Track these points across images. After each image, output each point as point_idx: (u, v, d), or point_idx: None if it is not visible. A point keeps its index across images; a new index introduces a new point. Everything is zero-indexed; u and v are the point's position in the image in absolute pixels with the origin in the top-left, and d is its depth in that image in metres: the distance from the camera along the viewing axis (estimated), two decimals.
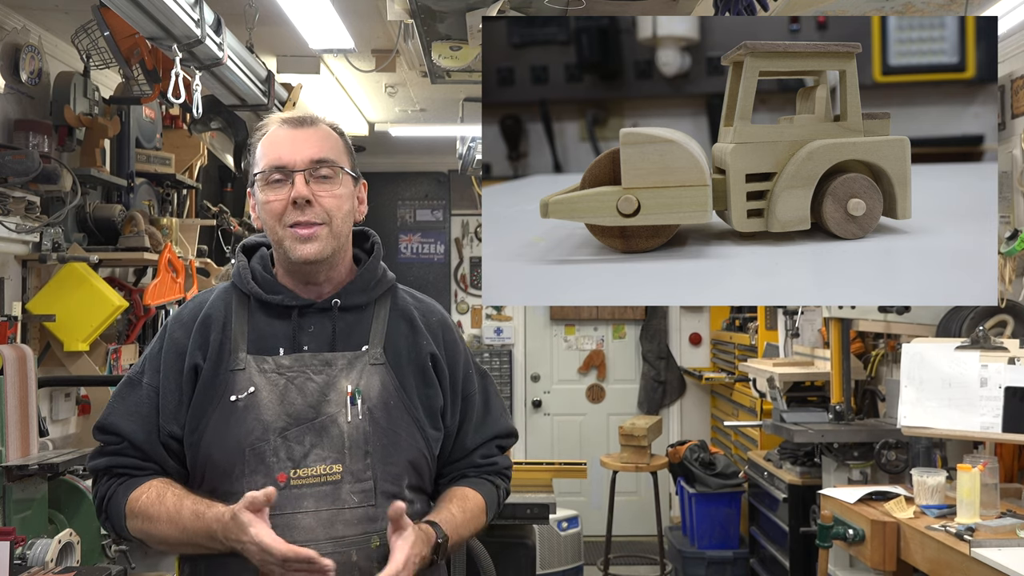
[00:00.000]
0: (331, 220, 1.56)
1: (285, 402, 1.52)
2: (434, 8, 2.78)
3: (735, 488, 5.12)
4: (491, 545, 3.34)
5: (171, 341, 1.59)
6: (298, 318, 1.59)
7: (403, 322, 1.65)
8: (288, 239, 1.55)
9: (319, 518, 1.49)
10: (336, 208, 1.57)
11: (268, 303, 1.60)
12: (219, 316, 1.60)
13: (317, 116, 1.64)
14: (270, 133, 1.60)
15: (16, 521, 2.69)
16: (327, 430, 1.53)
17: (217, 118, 4.05)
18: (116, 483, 1.56)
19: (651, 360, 6.83)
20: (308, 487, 1.49)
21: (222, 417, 1.53)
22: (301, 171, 1.55)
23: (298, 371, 1.55)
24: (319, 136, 1.59)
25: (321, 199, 1.55)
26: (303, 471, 1.50)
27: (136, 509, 1.52)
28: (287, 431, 1.51)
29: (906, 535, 2.81)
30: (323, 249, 1.55)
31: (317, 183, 1.56)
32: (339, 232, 1.58)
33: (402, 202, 7.05)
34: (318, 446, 1.52)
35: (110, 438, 1.57)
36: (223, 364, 1.55)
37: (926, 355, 3.10)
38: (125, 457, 1.56)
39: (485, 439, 1.71)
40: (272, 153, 1.57)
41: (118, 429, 1.56)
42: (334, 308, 1.60)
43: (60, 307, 3.37)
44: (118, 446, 1.56)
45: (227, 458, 1.50)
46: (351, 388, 1.55)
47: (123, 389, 1.60)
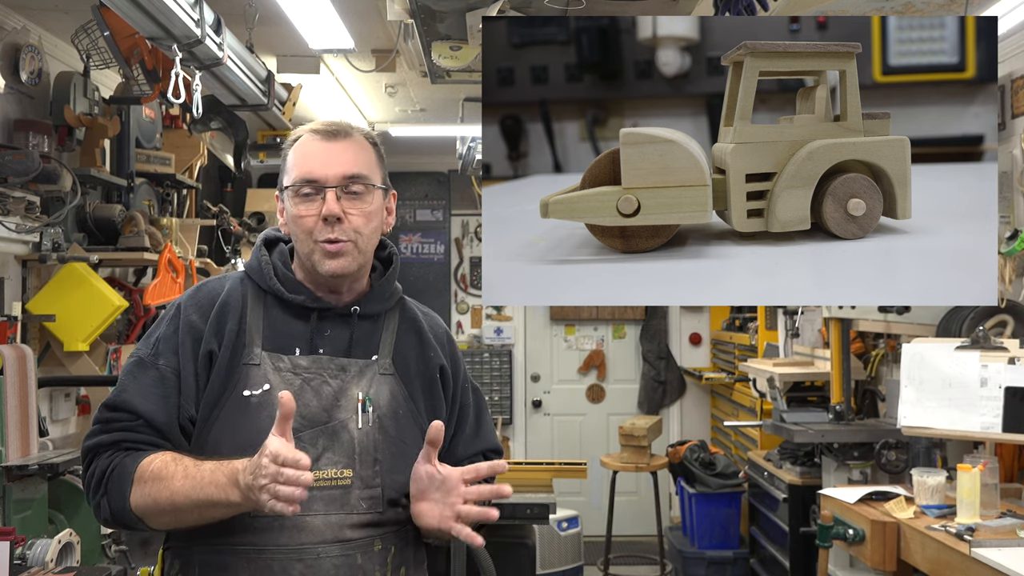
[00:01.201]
0: (359, 237, 1.56)
1: (300, 403, 1.50)
2: (434, 8, 2.78)
3: (735, 488, 5.12)
4: (491, 545, 3.34)
5: (187, 324, 1.55)
6: (317, 321, 1.58)
7: (412, 333, 1.66)
8: (317, 253, 1.55)
9: (328, 521, 1.49)
10: (364, 226, 1.56)
11: (287, 302, 1.59)
12: (236, 305, 1.57)
13: (352, 126, 1.61)
14: (302, 142, 1.58)
15: (16, 521, 2.69)
16: (338, 435, 1.53)
17: (217, 118, 4.06)
18: (123, 455, 1.49)
19: (651, 360, 6.83)
20: (319, 490, 1.49)
21: (234, 411, 1.51)
22: (333, 187, 1.53)
23: (315, 373, 1.55)
24: (353, 150, 1.57)
25: (351, 217, 1.54)
26: (315, 474, 1.47)
27: (148, 472, 1.45)
28: (300, 432, 1.49)
29: (906, 535, 2.81)
30: (349, 264, 1.56)
31: (348, 200, 1.55)
32: (365, 248, 1.58)
33: (402, 202, 7.04)
34: (330, 450, 1.51)
35: (122, 415, 1.51)
36: (237, 356, 1.53)
37: (926, 355, 3.10)
38: (138, 434, 1.50)
39: (475, 451, 1.71)
40: (304, 165, 1.55)
41: (133, 407, 1.50)
42: (353, 315, 1.60)
43: (60, 307, 3.37)
44: (131, 423, 1.50)
45: (238, 454, 1.45)
46: (362, 395, 1.55)
47: (134, 370, 1.54)
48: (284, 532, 1.47)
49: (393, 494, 1.54)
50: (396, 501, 1.55)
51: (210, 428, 1.51)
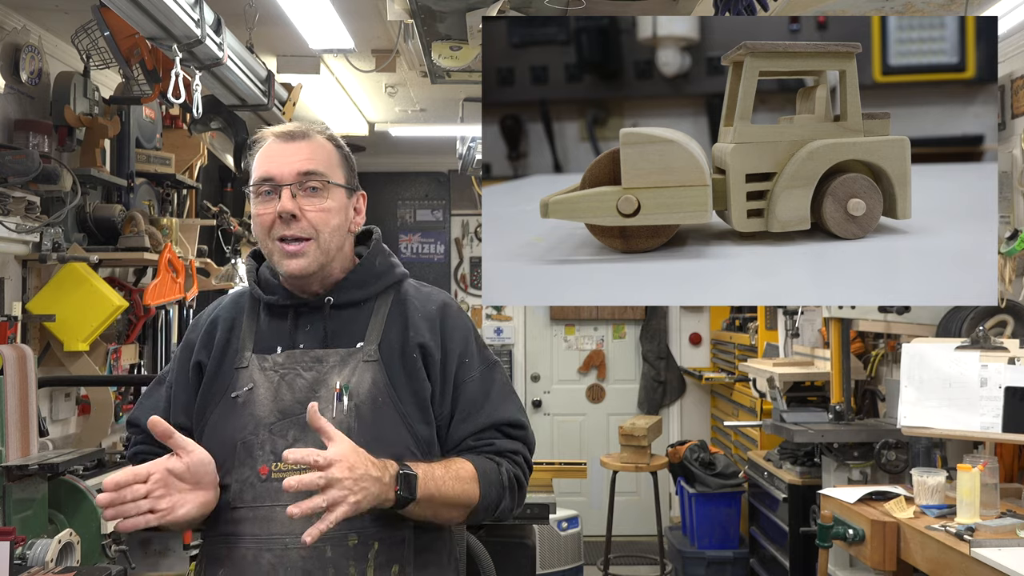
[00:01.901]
0: (318, 235, 1.58)
1: (277, 398, 1.57)
2: (434, 8, 2.78)
3: (735, 488, 5.12)
4: (491, 545, 3.34)
5: (186, 341, 1.71)
6: (295, 317, 1.64)
7: (398, 316, 1.65)
8: (276, 253, 1.59)
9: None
10: (323, 222, 1.58)
11: (271, 304, 1.65)
12: (227, 317, 1.68)
13: (313, 128, 1.64)
14: (264, 147, 1.63)
15: (16, 521, 2.69)
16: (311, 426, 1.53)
17: (217, 118, 4.06)
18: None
19: (651, 360, 6.83)
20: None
21: (222, 413, 1.59)
22: (288, 184, 1.57)
23: (289, 368, 1.59)
24: (310, 149, 1.61)
25: (307, 213, 1.57)
26: (284, 464, 1.52)
27: None
28: (274, 425, 1.55)
29: (906, 535, 2.81)
30: (308, 265, 1.58)
31: (305, 196, 1.58)
32: (327, 247, 1.59)
33: (402, 202, 7.05)
34: (301, 440, 1.53)
35: (134, 430, 1.71)
36: (227, 362, 1.62)
37: (926, 355, 3.10)
38: (146, 446, 1.66)
39: (481, 427, 1.63)
40: (263, 167, 1.60)
41: (140, 422, 1.67)
42: (326, 306, 1.62)
43: (60, 307, 3.37)
44: (140, 436, 1.68)
45: (221, 452, 1.55)
46: (339, 385, 1.56)
47: (151, 387, 1.74)
48: (256, 523, 1.52)
49: None
50: None
51: (202, 430, 1.60)
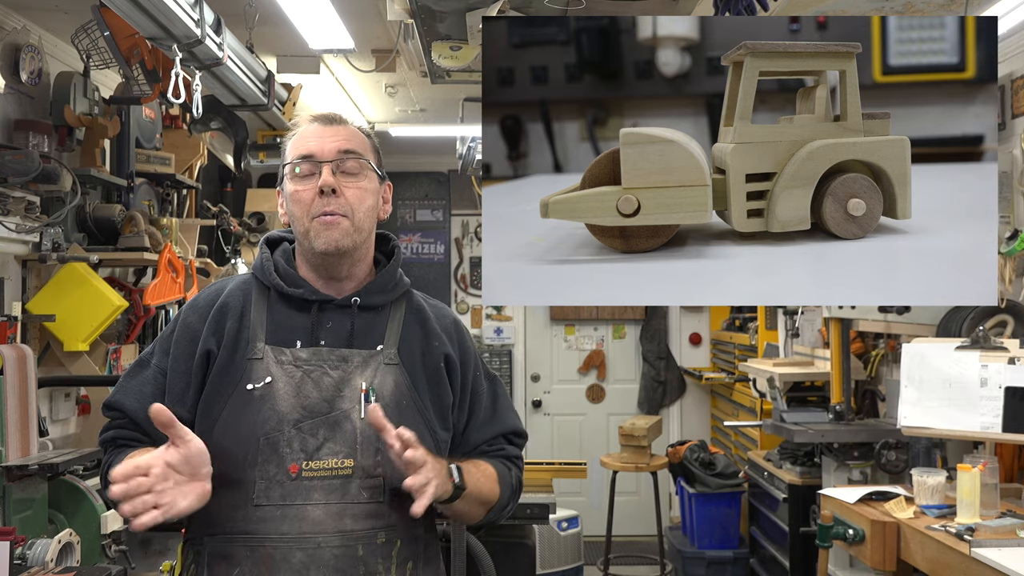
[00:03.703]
0: (353, 213, 1.60)
1: (300, 394, 1.55)
2: (434, 8, 2.78)
3: (735, 488, 5.12)
4: (491, 545, 3.35)
5: (184, 326, 1.63)
6: (317, 313, 1.62)
7: (417, 324, 1.69)
8: (313, 229, 1.59)
9: (328, 511, 1.51)
10: (359, 201, 1.61)
11: (288, 296, 1.63)
12: (236, 305, 1.63)
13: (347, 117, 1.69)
14: (302, 129, 1.66)
15: (16, 521, 2.69)
16: (340, 425, 1.55)
17: (217, 118, 4.06)
18: (116, 451, 1.60)
19: (651, 360, 6.83)
20: (319, 479, 1.52)
21: (238, 405, 1.55)
22: (329, 161, 1.60)
23: (315, 365, 1.57)
24: (347, 132, 1.65)
25: (346, 191, 1.60)
26: (315, 463, 1.52)
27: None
28: (301, 423, 1.54)
29: (906, 535, 2.81)
30: (343, 239, 1.59)
31: (343, 175, 1.61)
32: (361, 226, 1.62)
33: (402, 202, 7.05)
34: (331, 440, 1.54)
35: (114, 413, 1.64)
36: (239, 352, 1.58)
37: (926, 355, 3.10)
38: (127, 431, 1.62)
39: (491, 436, 1.74)
40: (302, 145, 1.62)
41: (122, 406, 1.62)
42: (353, 306, 1.63)
43: (60, 307, 3.37)
44: (121, 420, 1.62)
45: (240, 446, 1.52)
46: (365, 386, 1.57)
47: (132, 369, 1.66)
48: (285, 521, 1.50)
49: (396, 483, 1.54)
50: (399, 491, 1.54)
51: (214, 422, 1.55)
